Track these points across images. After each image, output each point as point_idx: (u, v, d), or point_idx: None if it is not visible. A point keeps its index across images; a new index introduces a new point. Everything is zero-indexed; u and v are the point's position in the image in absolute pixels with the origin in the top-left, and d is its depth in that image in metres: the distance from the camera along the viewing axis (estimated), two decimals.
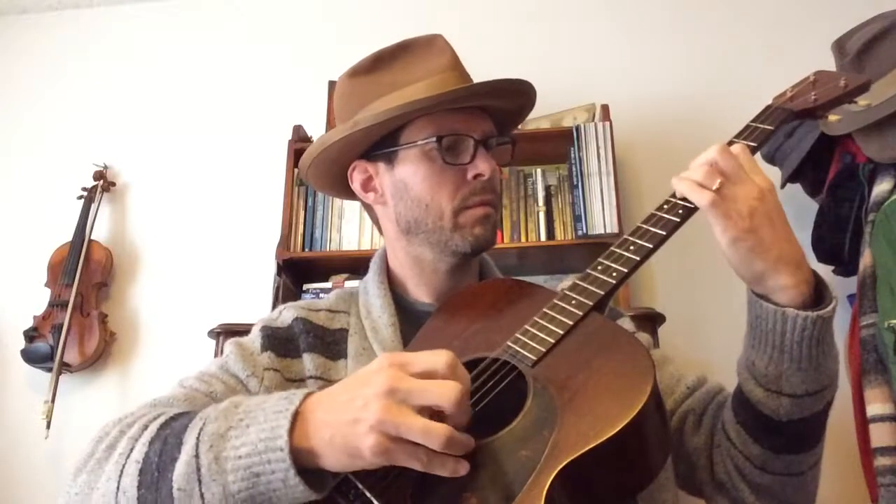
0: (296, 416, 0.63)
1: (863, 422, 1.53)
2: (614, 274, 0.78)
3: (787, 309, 0.74)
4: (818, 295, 0.77)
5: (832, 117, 0.87)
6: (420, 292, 1.01)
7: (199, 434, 0.66)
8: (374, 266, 1.05)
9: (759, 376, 0.79)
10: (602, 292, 0.77)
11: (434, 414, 0.62)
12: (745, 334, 0.82)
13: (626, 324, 1.03)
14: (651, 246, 0.78)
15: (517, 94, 1.00)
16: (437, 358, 0.63)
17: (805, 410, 0.78)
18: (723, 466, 0.86)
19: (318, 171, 1.02)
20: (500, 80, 0.94)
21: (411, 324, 0.96)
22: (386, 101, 0.93)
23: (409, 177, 0.94)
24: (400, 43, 0.99)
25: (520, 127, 2.23)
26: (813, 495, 0.87)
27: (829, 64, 1.77)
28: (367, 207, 1.05)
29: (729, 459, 0.85)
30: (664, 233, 0.79)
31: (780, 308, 0.75)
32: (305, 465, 0.63)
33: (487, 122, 0.97)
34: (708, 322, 2.13)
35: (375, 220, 1.05)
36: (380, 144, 0.96)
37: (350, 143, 0.95)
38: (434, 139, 0.91)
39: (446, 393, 0.61)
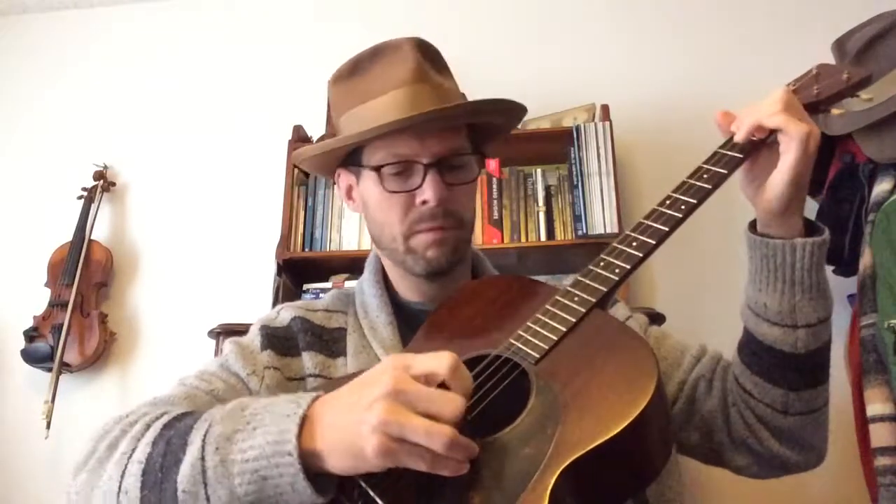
0: (304, 420, 0.63)
1: (863, 422, 1.53)
2: (617, 270, 0.78)
3: (796, 239, 0.81)
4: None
5: (835, 111, 0.87)
6: (410, 294, 1.02)
7: (204, 435, 0.66)
8: (369, 266, 1.06)
9: (772, 316, 0.83)
10: (605, 289, 0.77)
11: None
12: (747, 284, 0.86)
13: (622, 309, 1.04)
14: (653, 242, 0.79)
15: (498, 112, 0.99)
16: (440, 361, 0.63)
17: (819, 339, 0.84)
18: (741, 423, 0.90)
19: (311, 168, 1.07)
20: (440, 110, 0.89)
21: (408, 322, 0.97)
22: (353, 115, 0.95)
23: (368, 197, 0.97)
24: (375, 47, 0.98)
25: (519, 127, 2.24)
26: (826, 437, 0.92)
27: None
28: None
29: (749, 412, 0.88)
30: (666, 228, 0.79)
31: (789, 240, 0.81)
32: (311, 468, 0.63)
33: (446, 140, 0.92)
34: (708, 322, 2.12)
35: None
36: (352, 158, 0.97)
37: (325, 157, 0.98)
38: (381, 166, 0.91)
39: (449, 408, 0.60)
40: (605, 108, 2.25)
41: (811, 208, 1.88)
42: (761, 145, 0.81)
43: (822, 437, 0.91)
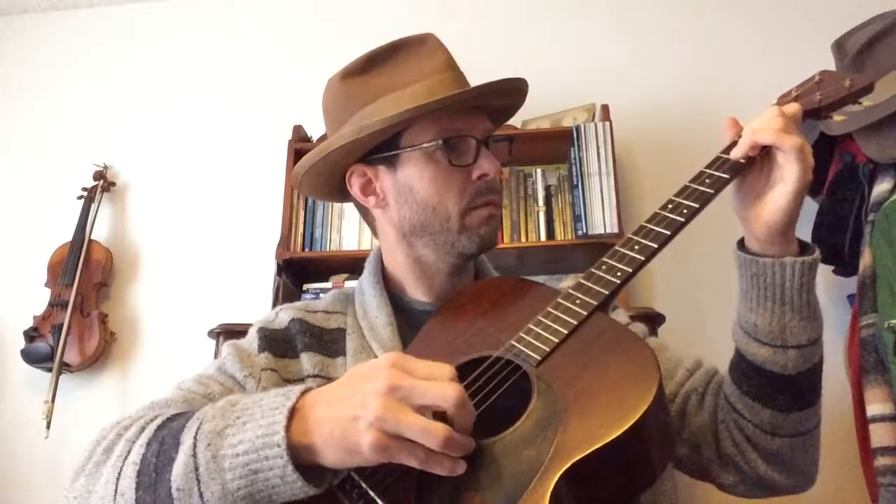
0: (293, 412, 0.63)
1: (863, 422, 1.53)
2: (619, 274, 0.78)
3: (785, 258, 0.79)
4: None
5: (837, 118, 0.87)
6: (418, 292, 1.01)
7: (196, 433, 0.66)
8: (369, 266, 1.05)
9: (762, 336, 0.82)
10: (606, 292, 0.77)
11: (438, 416, 0.62)
12: (738, 303, 0.85)
13: (620, 315, 1.04)
14: (655, 246, 0.79)
15: (514, 92, 1.01)
16: (441, 370, 0.63)
17: (809, 361, 0.82)
18: (730, 440, 0.88)
19: (313, 178, 1.01)
20: (503, 81, 0.94)
21: (409, 323, 0.96)
22: (384, 104, 0.92)
23: (413, 180, 0.93)
24: (392, 43, 0.98)
25: (519, 127, 2.24)
26: (816, 461, 0.90)
27: (828, 64, 1.78)
28: (363, 211, 1.03)
29: (737, 431, 0.87)
30: (668, 232, 0.79)
31: (778, 259, 0.79)
32: (303, 461, 0.63)
33: (486, 120, 0.97)
34: (708, 322, 2.13)
35: (371, 224, 1.04)
36: (379, 148, 0.94)
37: (351, 149, 0.94)
38: (440, 141, 0.91)
39: (447, 393, 0.61)
40: (605, 108, 2.25)
41: (811, 208, 1.89)
42: (754, 160, 0.81)
43: (811, 460, 0.89)
